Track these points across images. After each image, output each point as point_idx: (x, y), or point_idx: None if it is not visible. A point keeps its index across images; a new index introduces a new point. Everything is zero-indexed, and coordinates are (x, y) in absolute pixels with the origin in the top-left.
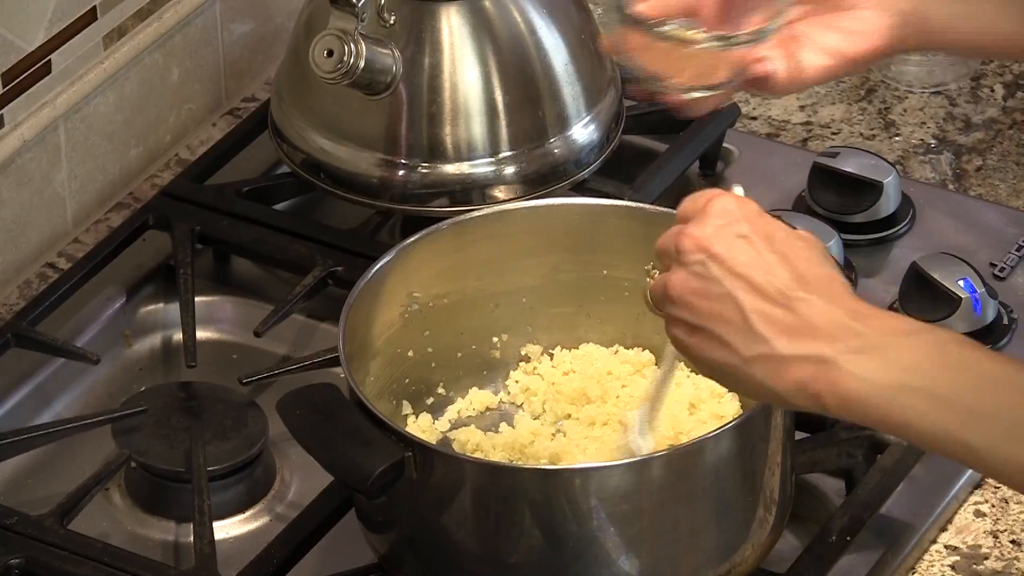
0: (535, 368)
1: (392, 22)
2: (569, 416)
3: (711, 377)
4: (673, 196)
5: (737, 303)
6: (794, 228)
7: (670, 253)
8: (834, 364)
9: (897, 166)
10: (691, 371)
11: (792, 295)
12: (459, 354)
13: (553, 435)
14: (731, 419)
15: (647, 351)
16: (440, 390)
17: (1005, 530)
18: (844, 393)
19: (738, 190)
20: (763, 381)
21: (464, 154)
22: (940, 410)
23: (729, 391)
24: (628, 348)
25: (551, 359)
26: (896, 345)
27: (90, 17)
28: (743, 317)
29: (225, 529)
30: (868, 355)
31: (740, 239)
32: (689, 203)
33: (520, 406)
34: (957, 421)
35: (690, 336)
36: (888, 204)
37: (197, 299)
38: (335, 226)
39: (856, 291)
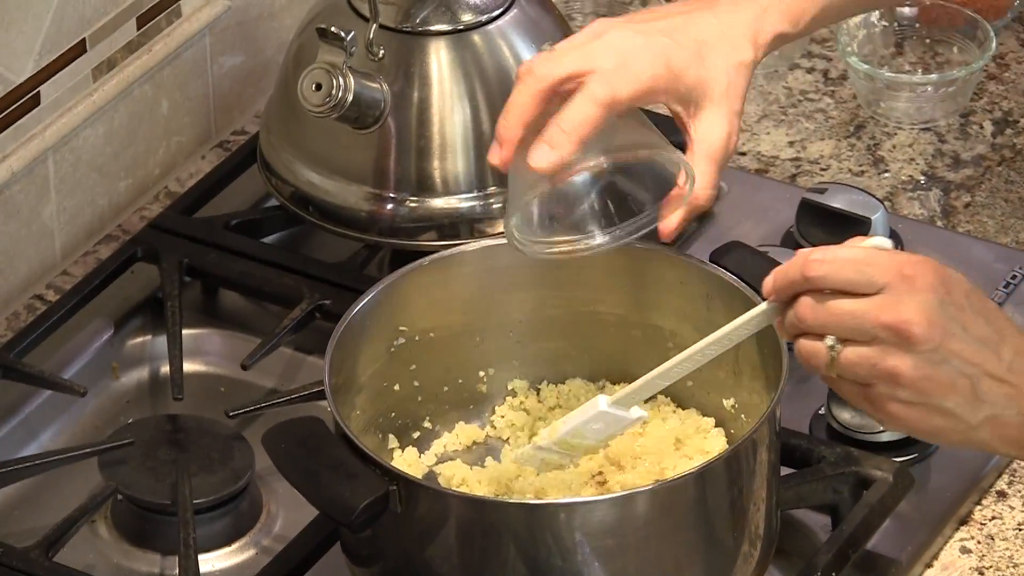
0: (521, 403)
1: (381, 56)
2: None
3: (922, 437)
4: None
5: (967, 379)
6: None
7: (869, 331)
8: None
9: (886, 202)
10: (676, 407)
11: (1005, 360)
12: (445, 388)
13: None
14: (716, 455)
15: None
16: (426, 424)
17: (991, 567)
18: None
19: (885, 242)
20: (985, 440)
21: (452, 188)
22: None
23: (937, 443)
24: (614, 383)
25: (537, 394)
26: None
27: (79, 49)
28: (973, 390)
29: (211, 562)
30: None
31: (958, 313)
32: (875, 270)
33: (506, 440)
34: None
35: (908, 410)
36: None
37: (185, 331)
38: (323, 259)
39: None
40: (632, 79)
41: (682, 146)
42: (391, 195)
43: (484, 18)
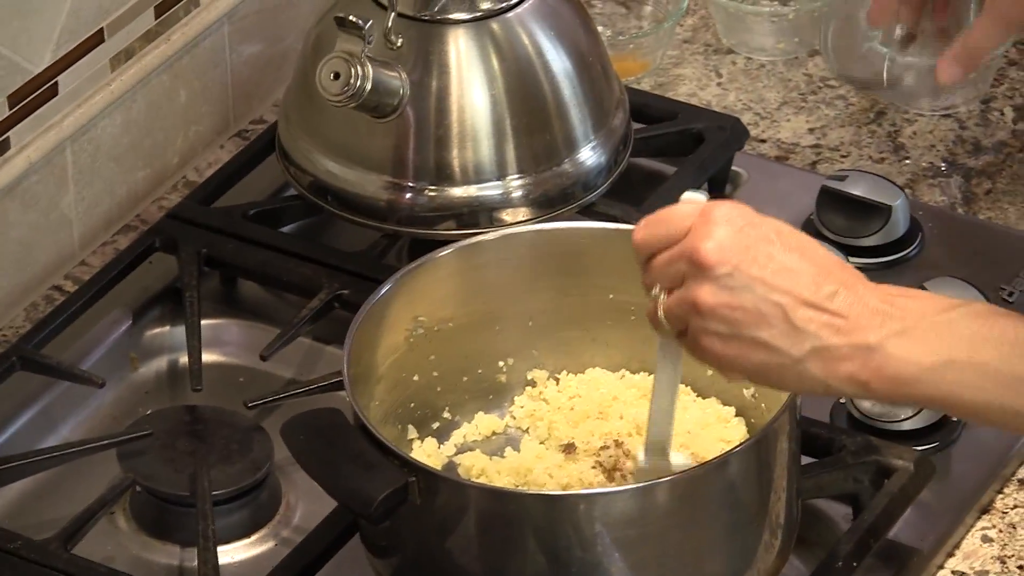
0: (541, 393)
1: (399, 44)
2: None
3: (752, 380)
4: None
5: (778, 305)
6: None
7: (678, 275)
8: (880, 350)
9: (906, 189)
10: (696, 396)
11: (826, 290)
12: (465, 378)
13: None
14: (737, 444)
15: (653, 375)
16: (446, 414)
17: (1013, 555)
18: (893, 376)
19: (697, 196)
20: (816, 375)
21: (471, 177)
22: (988, 381)
23: (769, 387)
24: (634, 373)
25: (557, 384)
26: (936, 323)
27: (97, 39)
28: (786, 318)
29: (230, 554)
30: (910, 336)
31: (758, 242)
32: (677, 217)
33: (526, 431)
34: (1007, 389)
35: (726, 346)
36: (897, 227)
37: (203, 322)
38: (342, 249)
39: None
40: None
41: None
42: (410, 184)
43: (503, 5)
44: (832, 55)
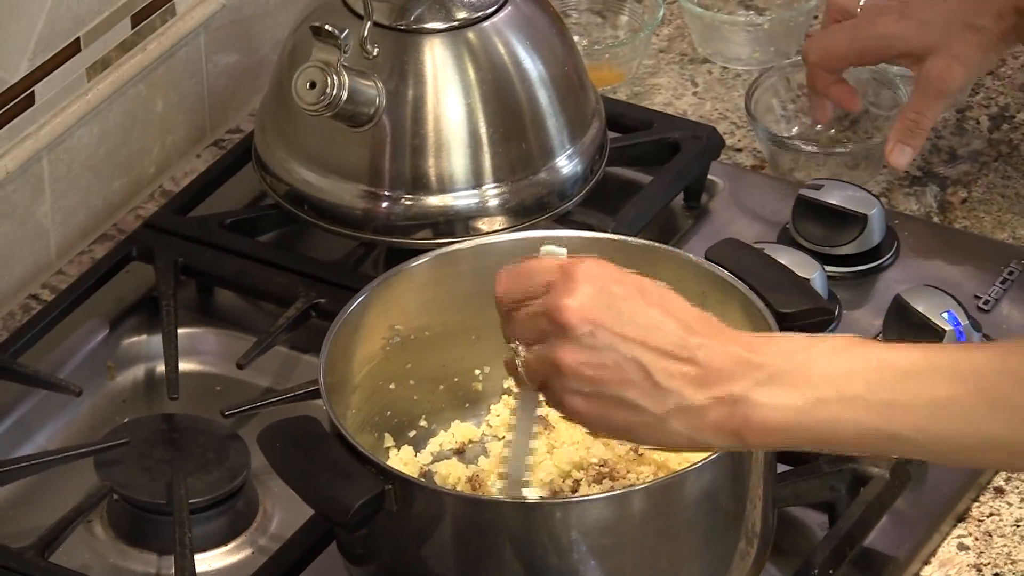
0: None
1: (375, 54)
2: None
3: (618, 438)
4: (657, 228)
5: (639, 365)
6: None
7: (539, 331)
8: (746, 400)
9: (882, 198)
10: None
11: (687, 345)
12: (441, 387)
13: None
14: (712, 452)
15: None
16: (422, 423)
17: (988, 563)
18: (762, 425)
19: (557, 249)
20: (683, 432)
21: (447, 186)
22: (858, 413)
23: (635, 445)
24: None
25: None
26: (798, 363)
27: (74, 48)
28: (648, 378)
29: (207, 562)
30: (775, 383)
31: (619, 300)
32: (538, 273)
33: (502, 439)
34: (877, 418)
35: (589, 405)
36: (872, 236)
37: (180, 331)
38: (318, 258)
39: (840, 324)
40: None
41: None
42: (386, 193)
43: (479, 15)
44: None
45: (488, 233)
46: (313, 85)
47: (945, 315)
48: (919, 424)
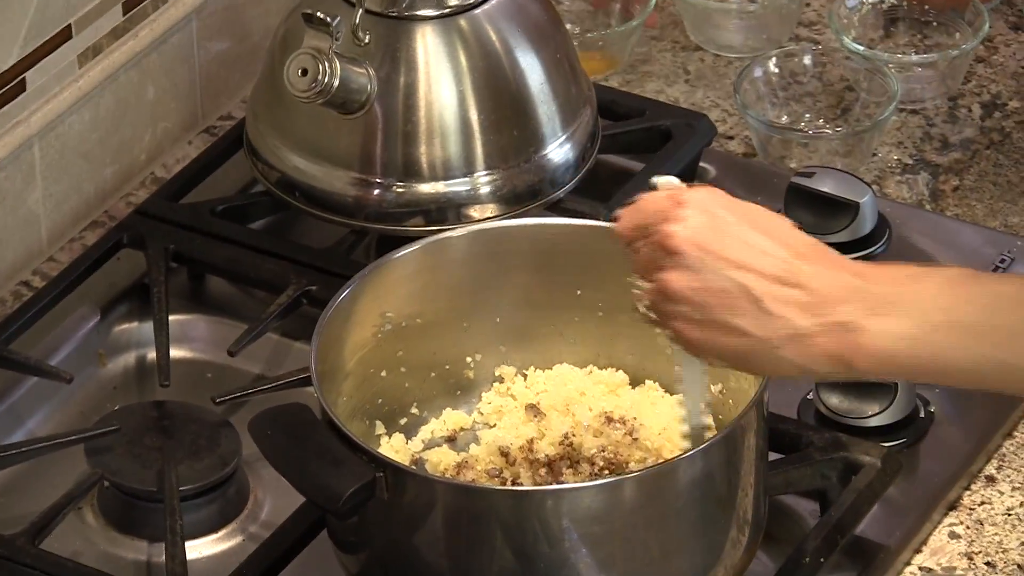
0: (508, 389)
1: (367, 41)
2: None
3: (730, 365)
4: None
5: (746, 291)
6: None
7: (655, 259)
8: (857, 327)
9: (874, 186)
10: (664, 392)
11: (796, 271)
12: (432, 374)
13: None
14: (707, 441)
15: (620, 371)
16: (413, 410)
17: (980, 552)
18: (873, 352)
19: (671, 180)
20: (792, 359)
21: (439, 173)
22: (970, 339)
23: (748, 372)
24: (601, 368)
25: (524, 379)
26: (909, 293)
27: (65, 35)
28: (756, 303)
29: (197, 549)
30: (886, 310)
31: (728, 226)
32: (652, 205)
33: (493, 427)
34: (990, 344)
35: (701, 331)
36: (864, 224)
37: (171, 318)
38: (310, 245)
39: None
40: None
41: None
42: (378, 180)
43: (471, 2)
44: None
45: (480, 220)
46: (305, 72)
47: None
48: None
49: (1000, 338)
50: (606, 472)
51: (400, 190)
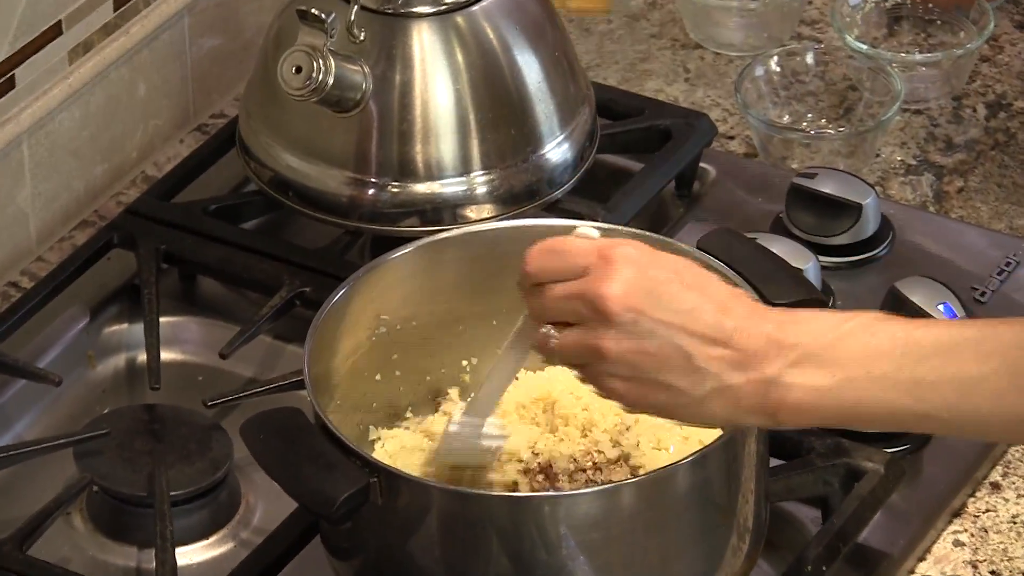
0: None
1: (362, 38)
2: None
3: (654, 415)
4: (648, 217)
5: (680, 350)
6: (679, 251)
7: (576, 314)
8: (779, 382)
9: (877, 187)
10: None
11: (724, 327)
12: (428, 378)
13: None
14: (704, 446)
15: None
16: (408, 414)
17: (984, 560)
18: (796, 406)
19: (591, 231)
20: (719, 412)
21: (435, 173)
22: (887, 392)
23: (672, 422)
24: None
25: (516, 380)
26: (828, 344)
27: (55, 31)
28: (688, 361)
29: (188, 555)
30: (806, 363)
31: (658, 286)
32: (573, 255)
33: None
34: (906, 397)
35: (629, 387)
36: (867, 226)
37: (162, 319)
38: (303, 245)
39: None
40: None
41: None
42: (372, 180)
43: None
44: None
45: (476, 221)
46: (299, 70)
47: (941, 307)
48: (948, 402)
49: (916, 390)
50: (592, 468)
51: (395, 190)
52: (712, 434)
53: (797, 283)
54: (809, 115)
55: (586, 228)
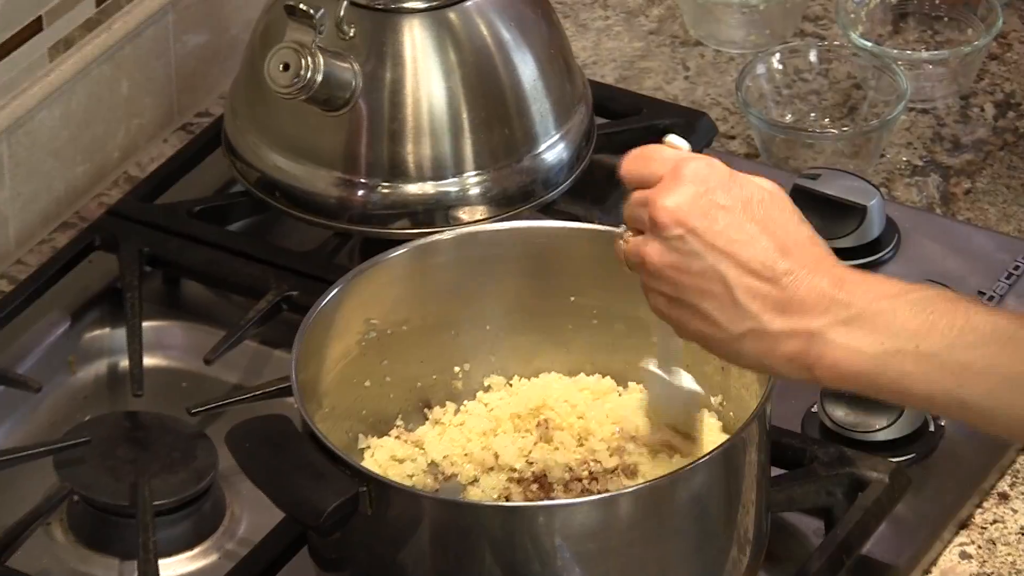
0: (500, 399)
1: (352, 35)
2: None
3: (697, 343)
4: None
5: (722, 278)
6: (761, 181)
7: (642, 221)
8: (822, 337)
9: (882, 189)
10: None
11: (777, 268)
12: (419, 384)
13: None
14: (703, 455)
15: (608, 377)
16: (399, 422)
17: (992, 573)
18: (835, 365)
19: (680, 141)
20: (753, 355)
21: (427, 173)
22: (932, 370)
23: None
24: (589, 375)
25: (510, 388)
26: (883, 310)
27: (35, 27)
28: (729, 293)
29: (172, 567)
30: (855, 325)
31: (718, 209)
32: (656, 164)
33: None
34: (950, 379)
35: (670, 307)
36: (872, 229)
37: (145, 324)
38: (291, 248)
39: None
40: None
41: None
42: (362, 180)
43: None
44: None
45: (469, 223)
46: (286, 67)
47: None
48: (991, 392)
49: (962, 374)
50: (588, 478)
51: (386, 191)
52: (711, 441)
53: None
54: (812, 114)
55: (675, 139)
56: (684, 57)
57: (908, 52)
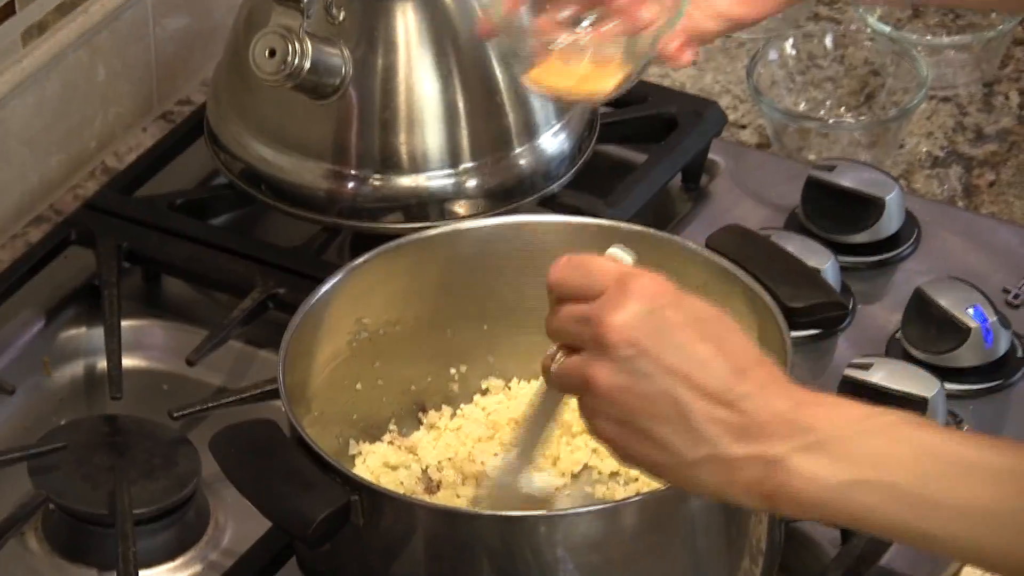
0: (498, 403)
1: (341, 19)
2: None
3: (640, 470)
4: (653, 212)
5: (675, 402)
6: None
7: (581, 339)
8: (784, 464)
9: (900, 181)
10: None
11: (734, 391)
12: (412, 387)
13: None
14: None
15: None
16: (392, 426)
17: None
18: (796, 495)
19: (623, 255)
20: (709, 482)
21: (420, 165)
22: (895, 502)
23: (659, 482)
24: None
25: (509, 391)
26: (845, 438)
27: (7, 11)
28: (684, 417)
29: None
30: (818, 453)
31: (670, 328)
32: (597, 276)
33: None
34: (913, 512)
35: (618, 430)
36: (890, 223)
37: (124, 323)
38: (277, 243)
39: (855, 319)
40: None
41: None
42: (352, 172)
43: None
44: None
45: (465, 217)
46: (272, 53)
47: (970, 310)
48: (950, 527)
49: (924, 509)
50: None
51: (377, 183)
52: None
53: (814, 285)
54: (827, 102)
55: (619, 251)
56: None
57: (928, 37)
